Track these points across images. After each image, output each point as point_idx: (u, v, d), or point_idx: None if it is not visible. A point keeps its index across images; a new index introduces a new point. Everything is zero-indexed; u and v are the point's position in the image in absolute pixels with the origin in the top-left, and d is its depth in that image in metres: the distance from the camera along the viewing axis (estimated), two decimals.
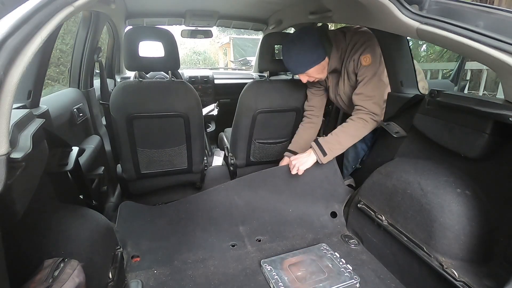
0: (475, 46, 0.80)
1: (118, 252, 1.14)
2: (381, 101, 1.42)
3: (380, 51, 1.38)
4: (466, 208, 1.01)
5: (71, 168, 1.06)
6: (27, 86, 1.06)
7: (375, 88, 1.39)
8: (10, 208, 0.65)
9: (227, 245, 1.38)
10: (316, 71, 1.44)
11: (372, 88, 1.39)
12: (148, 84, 1.49)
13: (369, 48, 1.37)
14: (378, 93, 1.40)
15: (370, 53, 1.36)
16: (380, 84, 1.40)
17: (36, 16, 0.60)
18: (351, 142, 1.43)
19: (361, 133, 1.42)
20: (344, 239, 1.42)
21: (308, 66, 1.41)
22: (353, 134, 1.42)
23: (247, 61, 5.33)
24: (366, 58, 1.36)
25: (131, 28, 1.43)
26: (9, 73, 0.56)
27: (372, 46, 1.37)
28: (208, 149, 2.50)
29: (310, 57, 1.39)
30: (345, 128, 1.43)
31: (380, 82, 1.40)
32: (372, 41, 1.38)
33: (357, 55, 1.38)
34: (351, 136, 1.42)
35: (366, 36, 1.40)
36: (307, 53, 1.39)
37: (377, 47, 1.38)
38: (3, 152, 0.56)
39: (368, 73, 1.38)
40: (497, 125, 0.95)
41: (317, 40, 1.39)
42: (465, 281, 0.92)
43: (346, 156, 1.69)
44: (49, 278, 0.74)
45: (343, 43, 1.44)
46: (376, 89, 1.39)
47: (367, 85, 1.39)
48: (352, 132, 1.41)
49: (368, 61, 1.36)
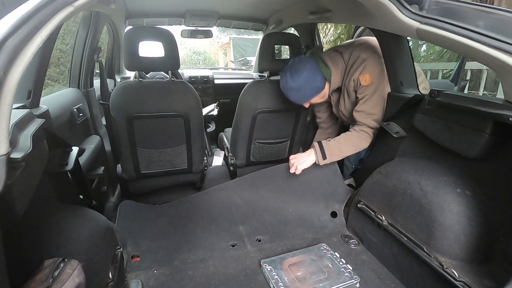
0: (475, 46, 0.80)
1: (118, 252, 1.14)
2: (381, 116, 1.45)
3: (379, 68, 1.39)
4: (466, 208, 1.01)
5: (71, 168, 1.06)
6: (27, 86, 1.06)
7: (375, 106, 1.42)
8: (10, 208, 0.65)
9: (227, 245, 1.38)
10: (318, 98, 1.46)
11: (373, 106, 1.41)
12: (148, 84, 1.49)
13: (368, 66, 1.36)
14: (378, 110, 1.43)
15: (369, 72, 1.36)
16: (380, 101, 1.43)
17: (36, 16, 0.60)
18: (352, 151, 1.47)
19: (363, 145, 1.46)
20: (344, 239, 1.42)
21: (309, 98, 1.43)
22: (355, 145, 1.45)
23: (247, 61, 5.33)
24: (365, 78, 1.36)
25: (131, 28, 1.42)
26: (9, 73, 0.56)
27: (371, 64, 1.37)
28: (208, 149, 2.50)
29: (310, 91, 1.40)
30: (348, 137, 1.46)
31: (380, 99, 1.42)
32: (371, 58, 1.38)
33: (356, 74, 1.38)
34: (352, 146, 1.45)
35: (364, 53, 1.39)
36: (307, 87, 1.38)
37: (376, 64, 1.38)
38: (3, 152, 0.56)
39: (368, 91, 1.39)
40: (497, 125, 0.95)
41: (314, 70, 1.38)
42: (465, 281, 0.92)
43: (347, 156, 1.69)
44: (49, 278, 0.74)
45: (341, 63, 1.44)
46: (377, 106, 1.42)
47: (367, 103, 1.41)
48: (354, 143, 1.45)
49: (368, 81, 1.36)
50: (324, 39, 5.37)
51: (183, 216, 1.53)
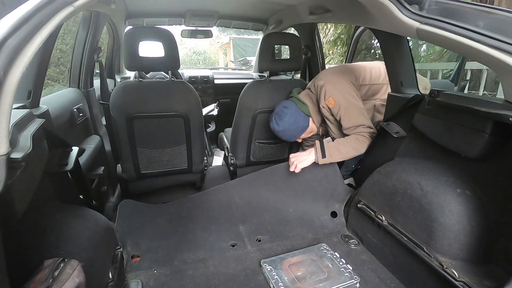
0: (475, 46, 0.80)
1: (118, 252, 1.14)
2: (370, 123, 1.49)
3: (338, 86, 1.47)
4: (466, 208, 1.00)
5: (71, 168, 1.06)
6: (27, 86, 1.06)
7: (357, 117, 1.47)
8: (10, 208, 0.65)
9: (227, 244, 1.38)
10: (306, 134, 1.62)
11: (355, 118, 1.46)
12: (148, 84, 1.49)
13: (327, 91, 1.47)
14: (362, 119, 1.47)
15: (331, 95, 1.46)
16: (358, 111, 1.48)
17: (36, 16, 0.60)
18: (351, 154, 1.49)
19: (361, 147, 1.48)
20: (344, 239, 1.42)
21: (297, 136, 1.60)
22: (354, 147, 1.47)
23: (247, 61, 5.33)
24: (330, 101, 1.47)
25: (131, 28, 1.43)
26: (9, 73, 0.56)
27: (328, 87, 1.47)
28: (208, 149, 2.50)
29: (295, 130, 1.56)
30: (348, 140, 1.49)
31: (357, 110, 1.47)
32: (327, 82, 1.48)
33: (322, 102, 1.50)
34: (352, 148, 1.47)
35: (320, 80, 1.51)
36: (291, 128, 1.54)
37: (333, 84, 1.47)
38: (3, 152, 0.56)
39: (340, 111, 1.47)
40: (497, 125, 0.95)
41: (295, 111, 1.53)
42: (465, 281, 0.92)
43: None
44: (49, 278, 0.74)
45: (313, 96, 1.58)
46: (360, 116, 1.47)
47: (347, 119, 1.47)
48: (353, 145, 1.47)
49: (333, 103, 1.46)
50: (324, 39, 5.37)
51: (183, 216, 1.53)
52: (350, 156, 1.50)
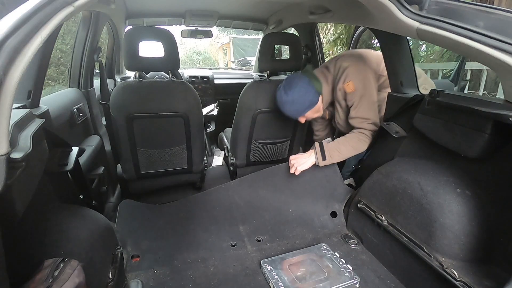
0: (475, 46, 0.80)
1: (118, 252, 1.14)
2: (377, 119, 1.47)
3: (362, 74, 1.42)
4: (466, 208, 1.00)
5: (71, 168, 1.06)
6: (27, 86, 1.06)
7: (367, 110, 1.44)
8: (10, 208, 0.65)
9: (227, 245, 1.38)
10: (312, 113, 1.51)
11: (365, 110, 1.44)
12: (148, 84, 1.49)
13: (349, 74, 1.42)
14: (372, 113, 1.45)
15: (352, 79, 1.41)
16: (371, 105, 1.45)
17: (36, 16, 0.60)
18: (351, 153, 1.48)
19: (362, 146, 1.47)
20: (344, 239, 1.42)
21: (303, 111, 1.48)
22: (354, 146, 1.46)
23: (247, 61, 5.33)
24: (348, 85, 1.42)
25: (131, 28, 1.42)
26: (9, 73, 0.56)
27: (352, 72, 1.42)
28: (208, 149, 2.50)
29: (303, 104, 1.45)
30: (348, 139, 1.48)
31: (370, 103, 1.44)
32: (352, 66, 1.42)
33: (340, 84, 1.45)
34: (352, 147, 1.46)
35: (346, 62, 1.44)
36: (300, 100, 1.44)
37: (359, 71, 1.43)
38: (3, 152, 0.56)
39: (355, 97, 1.43)
40: (497, 125, 0.95)
41: (307, 84, 1.44)
42: (465, 281, 0.92)
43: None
44: (49, 278, 0.74)
45: (330, 76, 1.51)
46: (369, 110, 1.45)
47: (358, 108, 1.44)
48: (353, 144, 1.46)
49: (352, 88, 1.42)
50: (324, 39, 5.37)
51: (183, 216, 1.53)
52: (351, 155, 1.50)
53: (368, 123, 1.45)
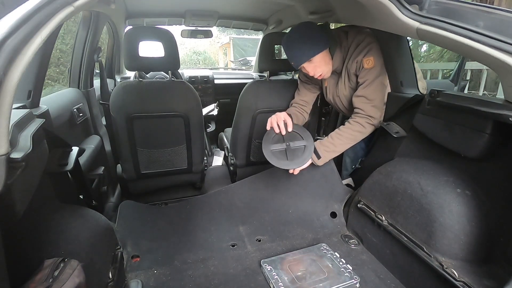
0: (475, 46, 0.80)
1: (118, 252, 1.14)
2: (381, 104, 1.41)
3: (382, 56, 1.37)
4: (466, 208, 1.01)
5: (71, 168, 1.06)
6: (27, 86, 1.06)
7: (376, 91, 1.38)
8: (10, 208, 0.65)
9: (227, 245, 1.38)
10: (322, 60, 1.35)
11: (373, 91, 1.37)
12: (148, 84, 1.49)
13: (372, 50, 1.34)
14: (378, 97, 1.39)
15: (374, 56, 1.33)
16: (381, 88, 1.39)
17: (36, 16, 0.60)
18: (346, 146, 1.43)
19: (357, 137, 1.42)
20: (344, 239, 1.42)
21: (312, 53, 1.32)
22: (349, 138, 1.41)
23: (247, 61, 5.33)
24: (369, 61, 1.33)
25: (131, 28, 1.43)
26: (9, 73, 0.56)
27: (376, 49, 1.35)
28: (208, 149, 2.50)
29: (312, 45, 1.32)
30: (341, 132, 1.43)
31: (381, 85, 1.39)
32: (376, 44, 1.36)
33: (360, 56, 1.35)
34: (347, 139, 1.42)
35: (371, 37, 1.37)
36: (310, 41, 1.31)
37: (380, 51, 1.36)
38: (3, 152, 0.56)
39: (370, 76, 1.35)
40: (497, 125, 0.95)
41: (319, 30, 1.34)
42: (465, 281, 0.92)
43: (346, 156, 1.69)
44: (49, 278, 0.74)
45: (345, 42, 1.40)
46: (377, 92, 1.38)
47: (368, 87, 1.37)
48: (347, 136, 1.41)
49: (371, 64, 1.34)
50: None
51: (183, 216, 1.53)
52: (346, 148, 1.45)
53: (372, 105, 1.38)
